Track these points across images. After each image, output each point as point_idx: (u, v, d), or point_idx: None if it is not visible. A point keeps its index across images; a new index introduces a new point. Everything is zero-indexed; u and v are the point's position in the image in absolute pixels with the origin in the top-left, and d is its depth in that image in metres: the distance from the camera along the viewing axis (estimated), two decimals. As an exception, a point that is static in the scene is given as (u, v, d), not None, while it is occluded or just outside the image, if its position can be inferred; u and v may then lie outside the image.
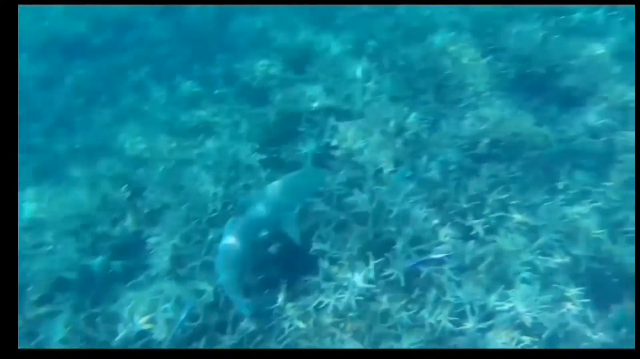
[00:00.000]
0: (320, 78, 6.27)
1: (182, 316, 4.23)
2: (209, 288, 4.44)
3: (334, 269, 4.35)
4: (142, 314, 4.37)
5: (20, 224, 5.28)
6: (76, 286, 4.83)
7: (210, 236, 4.88)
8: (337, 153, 5.46)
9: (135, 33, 8.62)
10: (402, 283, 4.17)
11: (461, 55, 5.99)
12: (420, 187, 4.86)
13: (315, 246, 4.51)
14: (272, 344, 4.10)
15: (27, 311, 4.66)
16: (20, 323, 4.56)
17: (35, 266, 4.93)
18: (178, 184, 5.51)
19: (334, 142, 5.57)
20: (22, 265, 4.87)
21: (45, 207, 5.48)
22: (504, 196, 4.67)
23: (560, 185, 4.91)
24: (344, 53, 6.61)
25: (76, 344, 4.34)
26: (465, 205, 4.67)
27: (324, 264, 4.39)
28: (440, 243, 4.43)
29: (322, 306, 4.15)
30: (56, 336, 4.40)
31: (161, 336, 4.24)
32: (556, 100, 5.59)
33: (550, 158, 5.09)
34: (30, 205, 5.53)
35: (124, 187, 5.46)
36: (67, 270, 4.84)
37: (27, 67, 8.17)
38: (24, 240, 5.16)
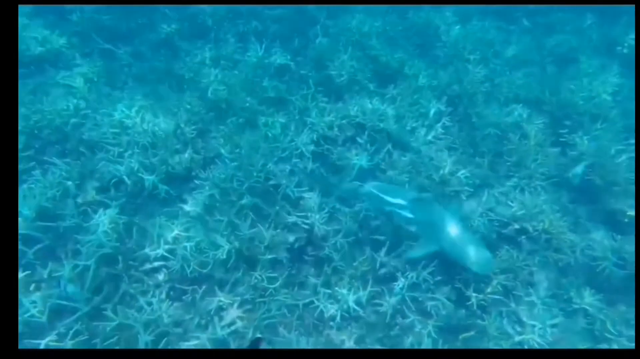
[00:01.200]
0: (397, 101, 6.57)
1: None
2: (225, 246, 4.98)
3: (334, 279, 4.83)
4: (164, 241, 4.98)
5: (112, 119, 5.91)
6: (128, 190, 5.46)
7: (244, 201, 5.36)
8: (381, 177, 5.82)
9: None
10: (387, 319, 4.63)
11: (531, 136, 6.15)
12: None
13: (327, 251, 5.00)
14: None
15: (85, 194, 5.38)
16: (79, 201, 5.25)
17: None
18: (238, 142, 5.99)
19: (382, 166, 5.95)
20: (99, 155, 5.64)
21: (133, 115, 6.04)
22: (508, 283, 4.96)
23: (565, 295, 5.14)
24: (428, 87, 6.85)
25: (112, 243, 4.94)
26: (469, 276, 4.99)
27: (327, 270, 4.89)
28: (435, 299, 4.84)
29: (311, 306, 4.68)
30: (100, 227, 4.99)
31: (177, 266, 4.84)
32: (600, 217, 5.72)
33: (568, 267, 5.29)
34: (123, 109, 6.07)
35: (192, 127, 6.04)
36: (126, 175, 5.47)
37: None
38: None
